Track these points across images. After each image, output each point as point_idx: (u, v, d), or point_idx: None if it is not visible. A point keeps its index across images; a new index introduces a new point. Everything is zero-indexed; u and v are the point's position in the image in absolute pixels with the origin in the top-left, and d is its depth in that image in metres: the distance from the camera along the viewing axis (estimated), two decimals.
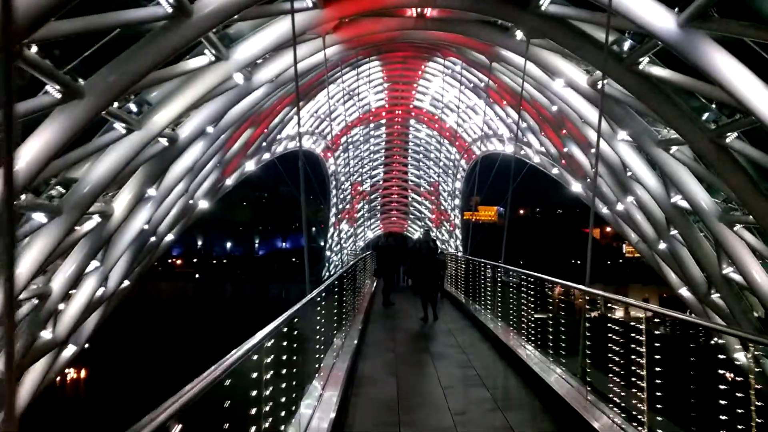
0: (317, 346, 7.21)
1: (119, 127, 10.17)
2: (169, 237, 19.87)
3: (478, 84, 26.41)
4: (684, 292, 17.98)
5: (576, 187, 23.66)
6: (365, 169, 56.91)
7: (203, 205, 22.06)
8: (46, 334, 13.74)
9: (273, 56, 12.50)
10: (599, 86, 12.33)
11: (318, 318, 7.20)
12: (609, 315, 6.85)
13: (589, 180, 20.49)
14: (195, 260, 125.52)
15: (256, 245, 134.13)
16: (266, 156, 28.39)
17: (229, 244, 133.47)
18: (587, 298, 7.04)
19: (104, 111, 9.11)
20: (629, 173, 15.98)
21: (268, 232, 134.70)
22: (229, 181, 24.61)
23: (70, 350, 16.78)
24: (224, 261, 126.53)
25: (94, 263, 13.65)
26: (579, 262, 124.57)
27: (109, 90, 8.33)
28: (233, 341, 3.76)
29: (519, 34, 12.99)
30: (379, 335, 11.66)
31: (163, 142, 12.12)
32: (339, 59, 16.02)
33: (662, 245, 17.09)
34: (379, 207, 67.37)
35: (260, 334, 3.99)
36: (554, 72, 14.29)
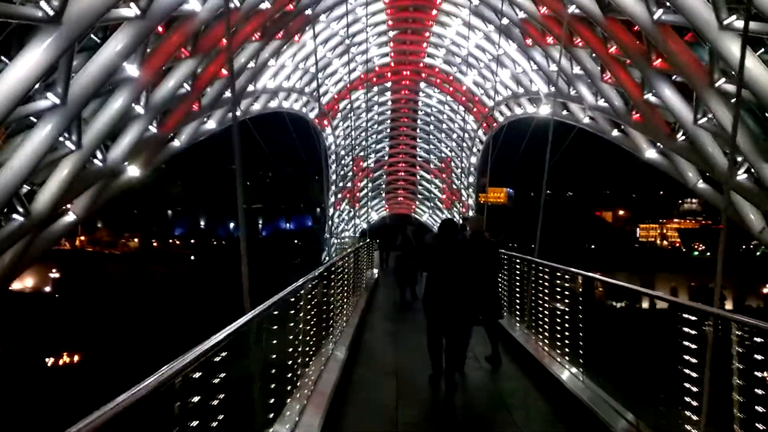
0: None
1: None
2: (70, 217, 13.67)
3: (513, 17, 19.84)
4: None
5: (650, 153, 17.21)
6: (369, 143, 50.84)
7: (132, 172, 15.86)
8: None
9: None
10: None
11: None
12: None
13: (684, 138, 13.89)
14: (192, 241, 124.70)
15: (260, 226, 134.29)
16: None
17: (232, 225, 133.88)
18: None
19: None
20: None
21: (272, 213, 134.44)
22: (177, 142, 18.35)
23: None
24: (223, 242, 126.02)
25: None
26: (593, 246, 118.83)
27: None
28: None
29: None
30: None
31: None
32: None
33: None
34: (384, 186, 61.98)
35: None
36: None
